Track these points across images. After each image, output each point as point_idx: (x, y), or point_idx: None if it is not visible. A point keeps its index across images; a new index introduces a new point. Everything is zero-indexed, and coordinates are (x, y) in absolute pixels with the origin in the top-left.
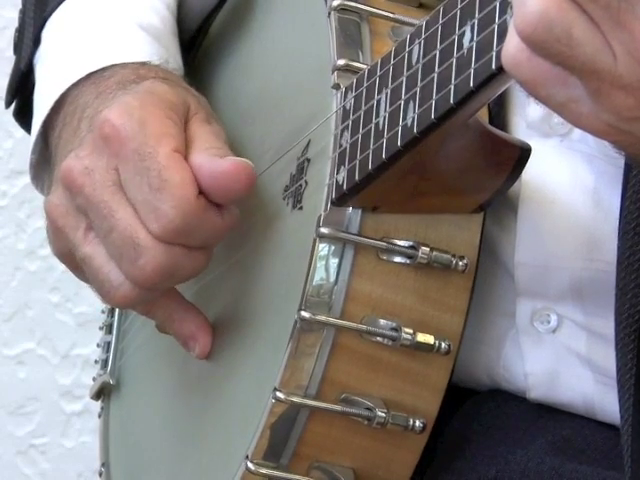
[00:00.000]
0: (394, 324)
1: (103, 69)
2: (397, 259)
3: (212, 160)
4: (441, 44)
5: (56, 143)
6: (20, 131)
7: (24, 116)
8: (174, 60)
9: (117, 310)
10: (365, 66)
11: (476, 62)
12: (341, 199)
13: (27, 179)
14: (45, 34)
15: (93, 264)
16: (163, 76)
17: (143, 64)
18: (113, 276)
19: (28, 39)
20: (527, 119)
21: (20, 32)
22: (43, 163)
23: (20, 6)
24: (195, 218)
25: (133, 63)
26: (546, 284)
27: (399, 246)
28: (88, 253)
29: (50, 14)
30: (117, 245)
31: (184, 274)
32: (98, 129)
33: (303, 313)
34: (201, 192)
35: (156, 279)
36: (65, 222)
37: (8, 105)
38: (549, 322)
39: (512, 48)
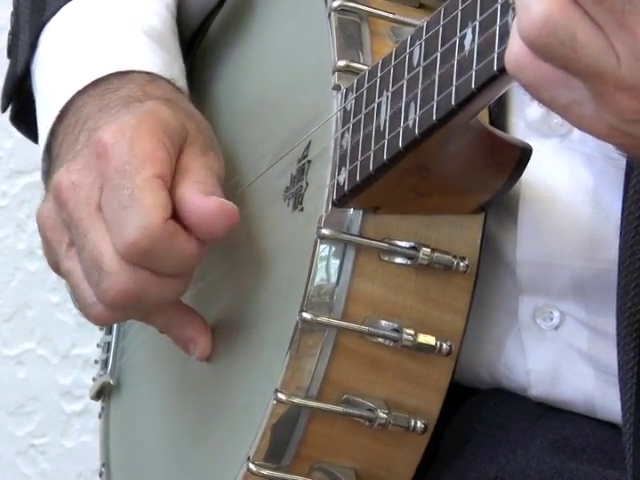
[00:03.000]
0: (395, 325)
1: (110, 80)
2: (398, 260)
3: (197, 197)
4: (442, 46)
5: (57, 152)
6: None
7: (21, 120)
8: (177, 64)
9: None
10: (365, 67)
11: (477, 64)
12: (342, 200)
13: (27, 179)
14: (43, 38)
15: (71, 280)
16: (168, 97)
17: (151, 80)
18: (87, 294)
19: (24, 43)
20: (526, 119)
21: (14, 35)
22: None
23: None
24: (161, 242)
25: (140, 75)
26: (548, 282)
27: (400, 247)
28: (68, 269)
29: (49, 18)
30: (86, 265)
31: (155, 299)
32: (92, 146)
33: (304, 314)
34: (182, 224)
35: (121, 302)
36: (52, 235)
37: (4, 109)
38: (552, 319)
39: (515, 51)
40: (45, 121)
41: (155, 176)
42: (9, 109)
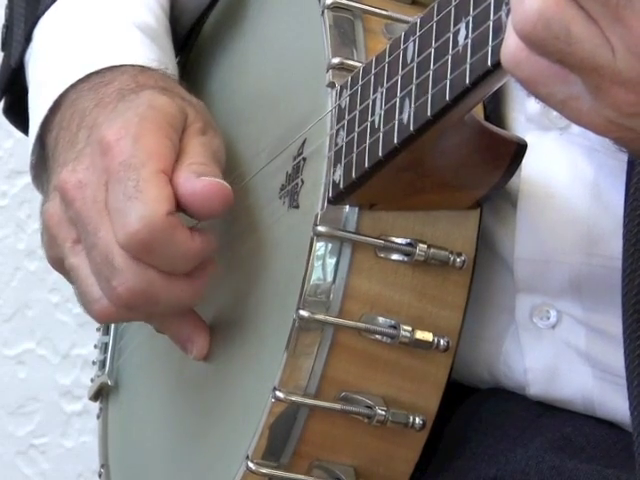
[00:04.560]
0: (392, 322)
1: (102, 73)
2: (395, 257)
3: (189, 178)
4: (436, 41)
5: (53, 145)
6: None
7: (14, 113)
8: (171, 62)
9: None
10: (360, 64)
11: (471, 58)
12: (338, 197)
13: (27, 179)
14: (38, 32)
15: (77, 275)
16: (162, 85)
17: (142, 70)
18: (93, 290)
19: (19, 36)
20: (526, 113)
21: (8, 28)
22: (41, 163)
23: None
24: (161, 234)
25: (133, 67)
26: (545, 279)
27: (396, 244)
28: (74, 264)
29: (44, 12)
30: (97, 262)
31: (166, 301)
32: (96, 144)
33: (301, 312)
34: (182, 209)
35: (130, 301)
36: (58, 231)
37: None
38: (548, 318)
39: (511, 47)
40: (37, 113)
41: (161, 171)
42: (2, 102)
